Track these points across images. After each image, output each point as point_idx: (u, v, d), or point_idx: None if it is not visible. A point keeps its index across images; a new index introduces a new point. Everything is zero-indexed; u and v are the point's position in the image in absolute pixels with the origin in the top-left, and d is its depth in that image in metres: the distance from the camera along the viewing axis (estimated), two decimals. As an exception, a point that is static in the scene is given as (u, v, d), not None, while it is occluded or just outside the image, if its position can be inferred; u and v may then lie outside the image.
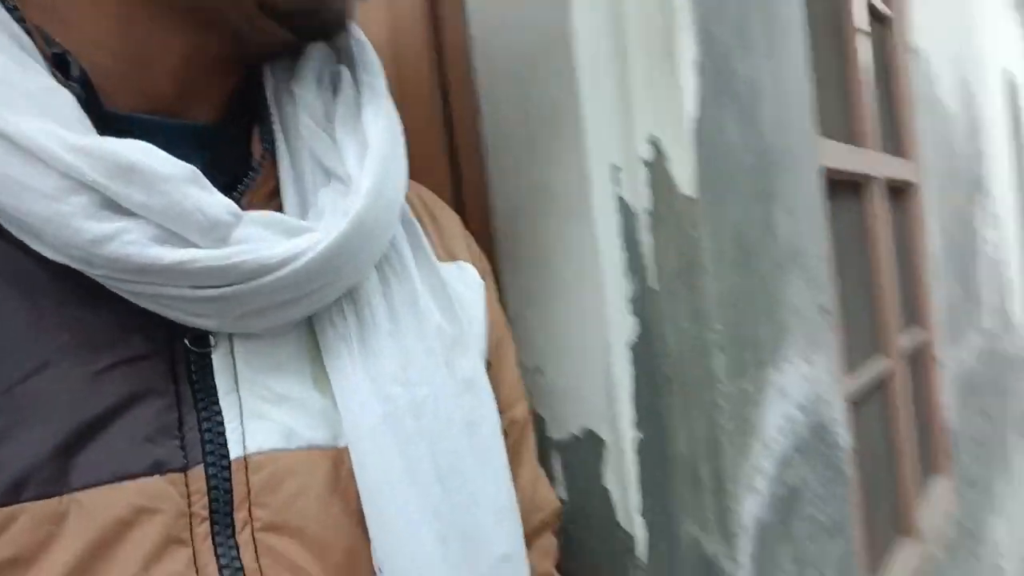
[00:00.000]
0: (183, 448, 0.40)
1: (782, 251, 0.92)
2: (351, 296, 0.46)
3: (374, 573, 0.44)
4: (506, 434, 0.55)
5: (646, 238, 0.75)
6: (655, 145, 0.74)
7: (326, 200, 0.45)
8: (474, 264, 0.60)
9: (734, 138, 0.82)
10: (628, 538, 0.74)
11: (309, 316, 0.45)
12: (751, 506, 0.78)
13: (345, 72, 0.50)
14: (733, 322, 0.78)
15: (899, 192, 1.76)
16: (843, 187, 1.37)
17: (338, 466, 0.44)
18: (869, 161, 1.45)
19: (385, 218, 0.46)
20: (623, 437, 0.74)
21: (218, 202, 0.39)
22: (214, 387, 0.41)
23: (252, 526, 0.40)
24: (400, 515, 0.44)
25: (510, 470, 0.52)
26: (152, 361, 0.40)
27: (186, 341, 0.41)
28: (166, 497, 0.38)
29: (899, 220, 1.76)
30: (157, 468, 0.38)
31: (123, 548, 0.37)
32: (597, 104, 0.72)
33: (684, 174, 0.73)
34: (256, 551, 0.40)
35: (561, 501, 0.69)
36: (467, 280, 0.57)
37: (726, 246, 0.78)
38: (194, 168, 0.39)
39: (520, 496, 0.54)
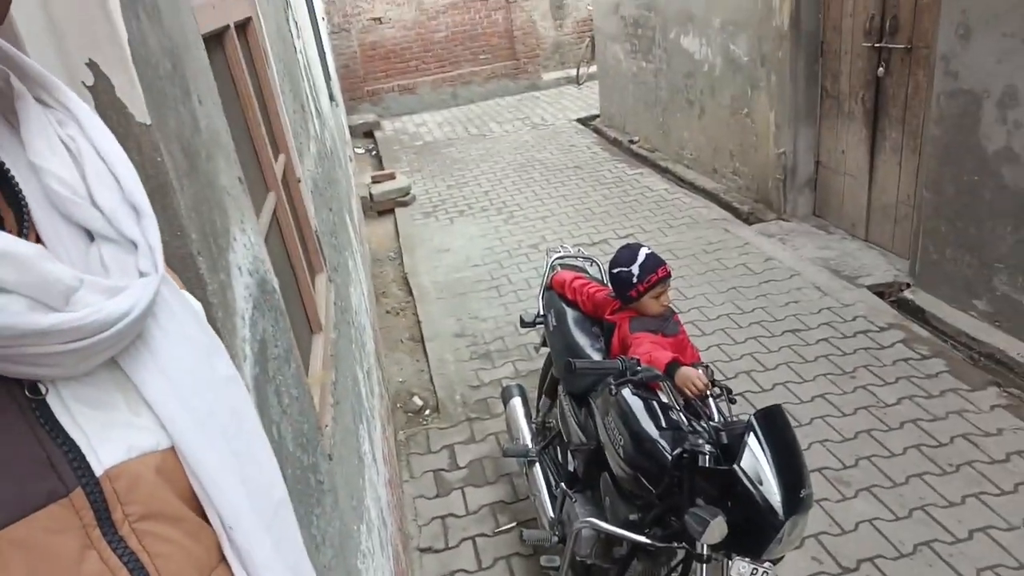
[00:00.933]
0: (61, 478, 0.50)
1: (207, 141, 1.00)
2: (140, 335, 0.58)
3: (210, 534, 0.60)
4: None
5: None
6: (94, 69, 0.71)
7: (111, 260, 0.56)
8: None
9: (155, 48, 0.83)
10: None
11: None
12: (247, 370, 0.94)
13: (80, 139, 0.57)
14: (199, 226, 0.86)
15: (241, 30, 1.89)
16: (211, 44, 1.43)
17: (166, 462, 0.58)
18: (226, 8, 1.52)
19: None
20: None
21: (65, 270, 0.50)
22: (60, 424, 0.52)
23: (128, 520, 0.54)
24: (227, 488, 0.61)
25: None
26: (4, 413, 0.49)
27: (26, 392, 0.50)
28: (66, 518, 0.50)
29: (246, 56, 1.91)
30: (51, 498, 0.50)
31: (57, 560, 0.49)
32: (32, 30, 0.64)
33: (135, 100, 0.73)
34: (137, 537, 0.54)
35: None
36: (193, 299, 0.70)
37: (179, 159, 0.83)
38: (40, 246, 0.51)
39: None
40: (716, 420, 1.96)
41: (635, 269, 2.39)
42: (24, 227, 0.53)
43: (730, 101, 6.01)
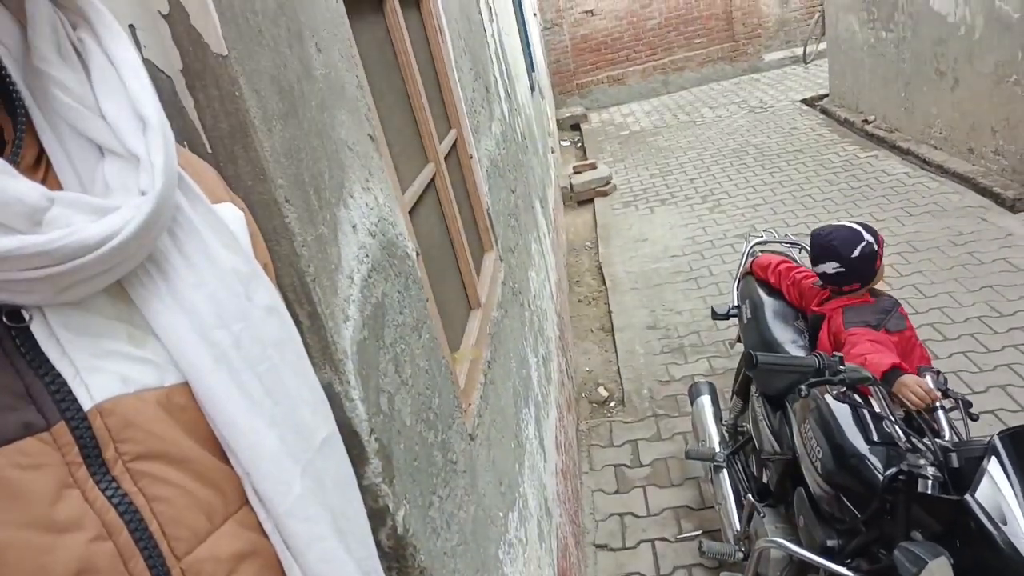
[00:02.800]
0: (41, 411, 0.46)
1: (323, 90, 0.95)
2: (150, 257, 0.53)
3: (230, 478, 0.56)
4: None
5: (187, 101, 0.71)
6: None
7: (112, 176, 0.51)
8: (233, 202, 0.66)
9: (252, -19, 0.79)
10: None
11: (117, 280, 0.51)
12: (348, 332, 0.88)
13: (91, 44, 0.52)
14: (294, 173, 0.81)
15: (413, 2, 1.89)
16: (358, 7, 1.41)
17: (174, 399, 0.53)
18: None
19: (174, 186, 0.53)
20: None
21: (31, 188, 0.45)
22: (44, 354, 0.47)
23: (122, 460, 0.49)
24: (249, 430, 0.55)
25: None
26: None
27: (3, 318, 0.46)
28: (44, 453, 0.46)
29: (416, 28, 1.90)
30: (27, 430, 0.45)
31: (26, 497, 0.44)
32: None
33: (209, 29, 0.69)
34: (132, 478, 0.49)
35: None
36: (232, 216, 0.64)
37: (270, 100, 0.78)
38: (2, 159, 0.44)
39: None
40: (946, 438, 1.58)
41: (869, 237, 2.06)
42: (19, 136, 0.48)
43: (994, 68, 5.04)
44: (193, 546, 0.51)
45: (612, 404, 3.67)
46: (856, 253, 2.04)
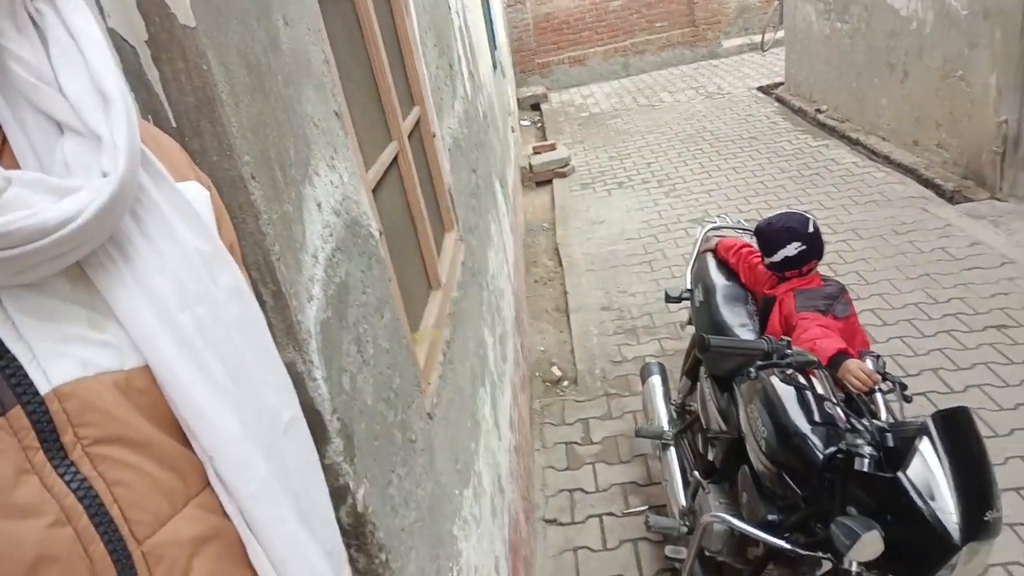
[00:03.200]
0: None
1: (290, 64, 0.94)
2: (112, 239, 0.51)
3: (191, 461, 0.55)
4: None
5: (152, 73, 0.70)
6: (133, -33, 0.65)
7: (73, 156, 0.49)
8: (198, 180, 0.64)
9: (219, -49, 0.77)
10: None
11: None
12: (312, 312, 0.88)
13: (49, 14, 0.50)
14: (260, 149, 0.80)
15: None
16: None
17: (135, 382, 0.52)
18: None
19: (137, 166, 0.51)
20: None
21: None
22: None
23: (81, 444, 0.48)
24: (211, 414, 0.55)
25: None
26: None
27: None
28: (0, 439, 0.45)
29: (381, 2, 1.87)
30: None
31: None
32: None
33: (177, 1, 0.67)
34: (92, 462, 0.48)
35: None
36: (197, 195, 0.62)
37: (237, 73, 0.77)
38: None
39: None
40: (883, 419, 1.66)
41: (791, 251, 2.16)
42: None
43: (941, 63, 5.22)
44: (154, 529, 0.51)
45: (565, 383, 3.73)
46: (811, 229, 2.20)
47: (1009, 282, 3.85)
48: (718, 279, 2.48)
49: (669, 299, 2.78)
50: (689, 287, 2.70)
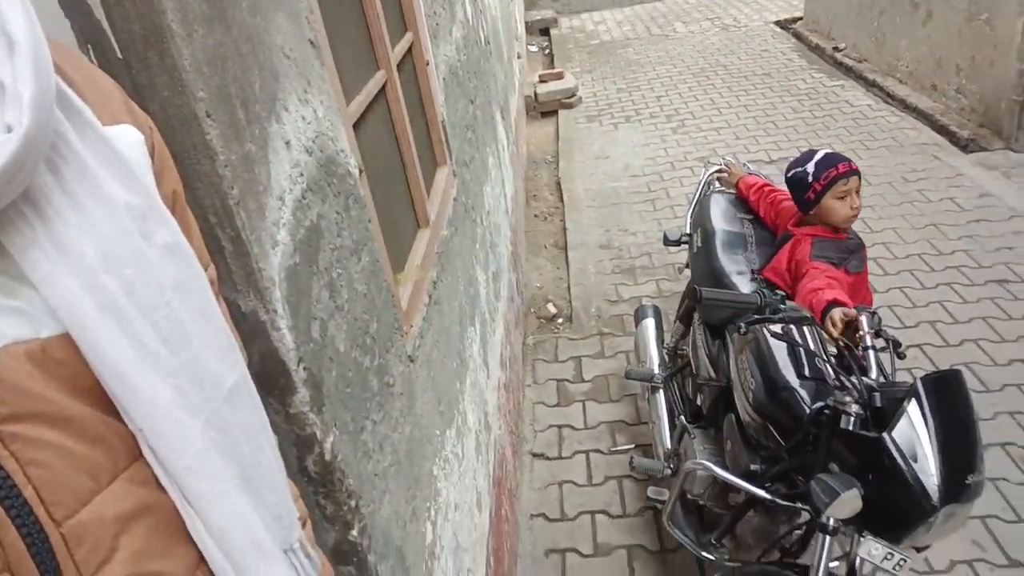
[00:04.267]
0: None
1: (258, -11, 0.86)
2: (26, 197, 0.46)
3: (120, 433, 0.51)
4: None
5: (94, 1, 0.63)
6: None
7: None
8: (135, 122, 0.58)
9: None
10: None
11: None
12: (276, 258, 0.84)
13: None
14: (218, 84, 0.74)
15: None
16: None
17: (51, 353, 0.47)
18: None
19: (49, 118, 0.46)
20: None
21: None
22: None
23: None
24: (140, 384, 0.51)
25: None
26: None
27: None
28: None
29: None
30: None
31: None
32: None
33: (113, -86, 0.60)
34: (3, 442, 0.44)
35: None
36: (129, 141, 0.56)
37: (192, 1, 0.70)
38: None
39: None
40: (873, 377, 1.64)
41: (810, 167, 2.08)
42: None
43: (967, 4, 4.98)
44: (75, 510, 0.47)
45: (560, 321, 3.72)
46: (790, 174, 2.16)
47: (1015, 236, 3.78)
48: (719, 224, 2.42)
49: (668, 242, 2.73)
50: (688, 231, 2.64)
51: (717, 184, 2.77)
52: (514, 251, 3.47)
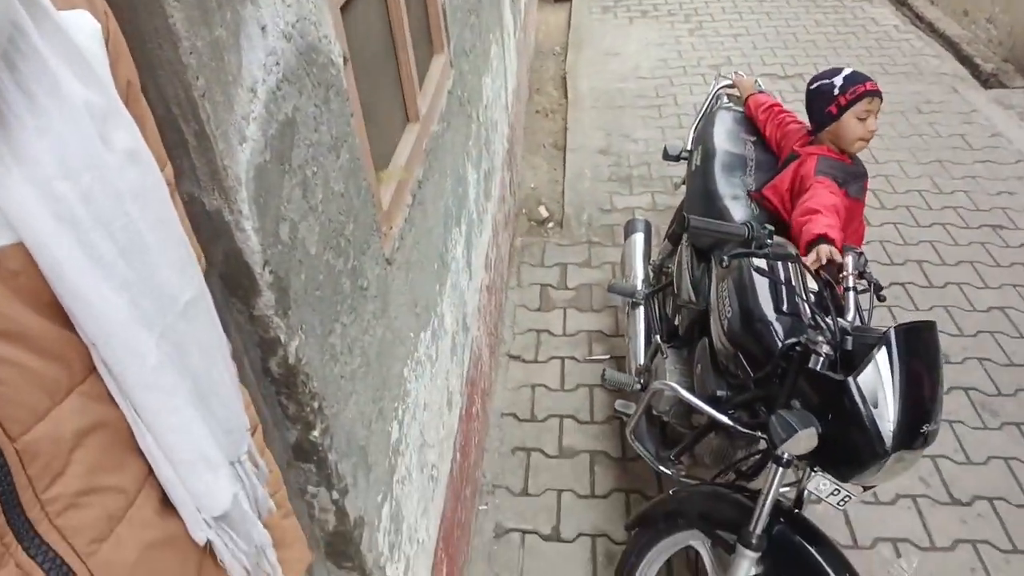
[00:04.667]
0: None
1: None
2: None
3: (77, 346, 0.50)
4: None
5: None
6: None
7: None
8: (90, 6, 0.54)
9: None
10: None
11: None
12: (244, 155, 0.79)
13: None
14: (183, -42, 0.67)
15: None
16: None
17: (2, 265, 0.45)
18: None
19: (6, 7, 0.42)
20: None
21: None
22: None
23: None
24: (95, 297, 0.49)
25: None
26: None
27: None
28: None
29: None
30: None
31: None
32: None
33: None
34: None
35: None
36: (86, 29, 0.52)
37: None
38: None
39: None
40: (850, 318, 1.64)
41: (838, 80, 2.06)
42: None
43: (1018, -80, 4.66)
44: (29, 425, 0.46)
45: (551, 225, 3.68)
46: (814, 86, 2.12)
47: (1018, 181, 3.72)
48: (720, 144, 2.35)
49: (667, 157, 2.66)
50: (690, 148, 2.57)
51: (725, 99, 2.66)
52: (510, 149, 3.37)
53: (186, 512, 0.60)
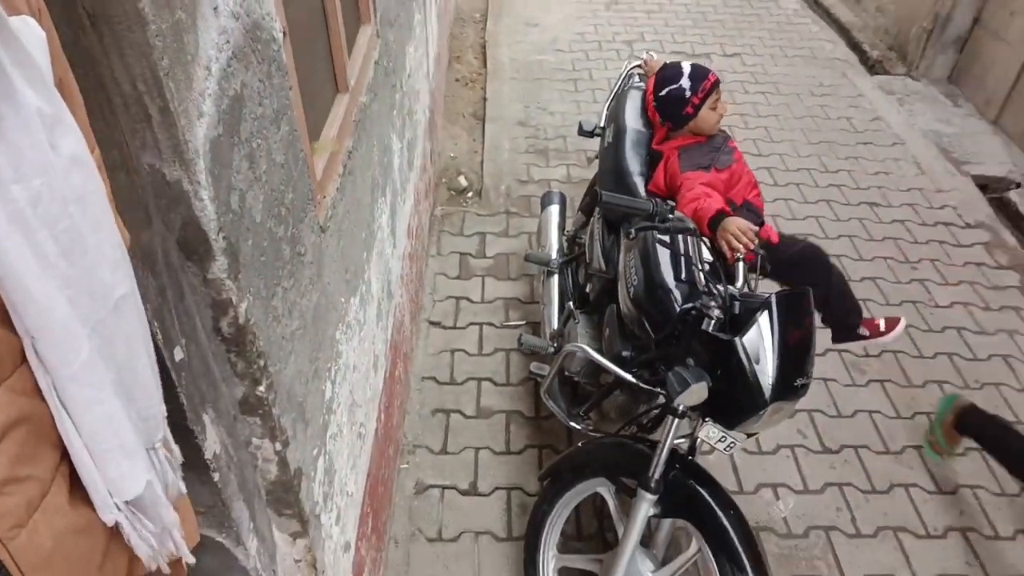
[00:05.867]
0: None
1: None
2: None
3: (5, 341, 0.53)
4: None
5: None
6: None
7: None
8: (31, 9, 0.55)
9: None
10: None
11: None
12: (202, 129, 0.85)
13: None
14: (150, -52, 0.72)
15: None
16: None
17: None
18: None
19: None
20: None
21: None
22: None
23: None
24: (39, 294, 0.52)
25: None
26: None
27: None
28: None
29: None
30: None
31: None
32: None
33: None
34: None
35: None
36: (35, 38, 0.53)
37: None
38: None
39: None
40: (738, 286, 1.84)
41: (685, 82, 2.19)
42: None
43: (905, -82, 5.03)
44: None
45: (470, 195, 3.77)
46: (664, 92, 2.25)
47: (893, 163, 4.11)
48: (631, 122, 2.50)
49: (582, 132, 2.79)
50: (603, 125, 2.71)
51: (637, 78, 2.82)
52: (431, 118, 3.43)
53: (97, 496, 0.63)
